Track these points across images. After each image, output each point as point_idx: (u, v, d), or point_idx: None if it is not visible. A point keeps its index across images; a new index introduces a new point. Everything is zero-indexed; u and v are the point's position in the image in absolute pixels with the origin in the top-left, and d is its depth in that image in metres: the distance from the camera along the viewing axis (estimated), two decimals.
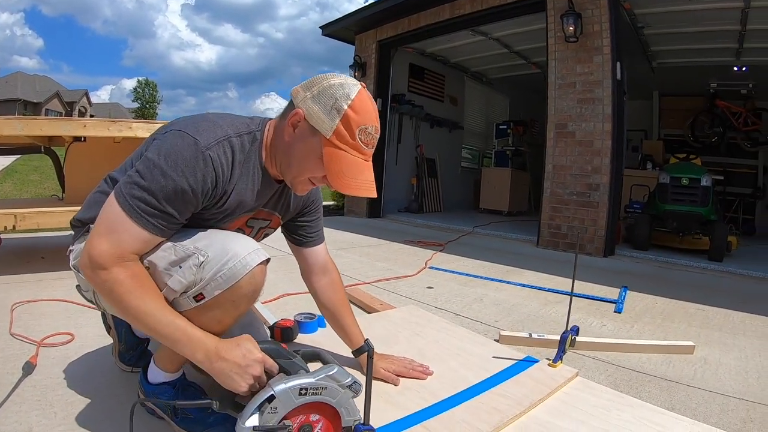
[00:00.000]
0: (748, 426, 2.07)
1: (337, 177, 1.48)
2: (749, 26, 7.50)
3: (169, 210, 1.38)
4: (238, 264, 1.43)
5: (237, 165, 1.52)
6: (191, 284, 1.41)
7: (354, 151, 1.48)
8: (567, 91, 6.57)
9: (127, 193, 1.35)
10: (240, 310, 1.50)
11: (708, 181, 6.62)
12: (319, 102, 1.47)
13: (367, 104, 1.49)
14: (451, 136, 12.14)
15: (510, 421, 1.70)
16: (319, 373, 1.33)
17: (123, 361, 2.03)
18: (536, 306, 3.74)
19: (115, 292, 1.32)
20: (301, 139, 1.51)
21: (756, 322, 3.71)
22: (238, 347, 1.38)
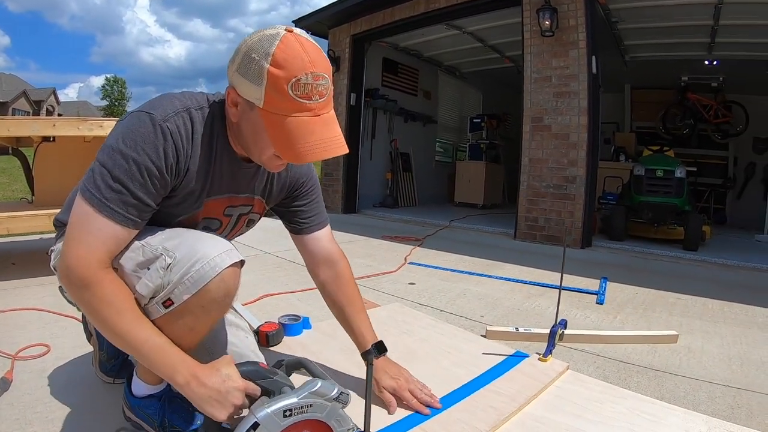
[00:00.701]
0: (736, 412, 2.10)
1: (286, 148, 1.31)
2: (722, 21, 7.62)
3: (138, 194, 1.27)
4: (207, 266, 1.31)
5: (198, 138, 1.40)
6: (158, 288, 1.31)
7: (294, 111, 1.29)
8: (543, 84, 6.61)
9: (92, 187, 1.26)
10: (212, 316, 1.39)
11: (682, 172, 6.76)
12: (242, 71, 1.30)
13: (295, 50, 1.27)
14: (425, 130, 12.15)
15: (507, 418, 1.69)
16: (302, 391, 1.25)
17: (104, 370, 1.93)
18: (519, 299, 3.76)
19: (94, 309, 1.24)
20: (244, 116, 1.37)
21: (734, 309, 3.80)
22: (217, 373, 1.27)
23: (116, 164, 1.25)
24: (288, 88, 1.25)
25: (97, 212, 1.24)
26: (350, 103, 9.57)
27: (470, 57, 11.36)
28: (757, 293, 4.38)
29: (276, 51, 1.25)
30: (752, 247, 7.53)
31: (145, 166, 1.27)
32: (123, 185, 1.25)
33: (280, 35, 1.28)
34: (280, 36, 1.28)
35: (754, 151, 11.64)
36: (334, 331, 2.26)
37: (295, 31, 1.32)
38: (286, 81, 1.25)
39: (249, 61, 1.28)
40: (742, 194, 11.83)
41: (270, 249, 4.82)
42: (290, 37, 1.28)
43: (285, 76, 1.24)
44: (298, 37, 1.30)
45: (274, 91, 1.26)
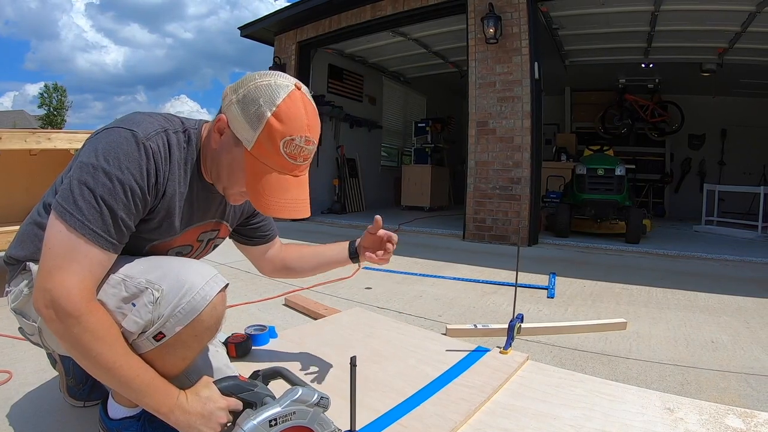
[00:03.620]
0: (686, 388, 2.30)
1: (259, 197, 1.35)
2: (658, 27, 8.07)
3: (121, 215, 1.24)
4: (197, 296, 1.30)
5: (175, 161, 1.39)
6: (149, 323, 1.28)
7: (278, 166, 1.34)
8: (487, 90, 6.81)
9: (71, 207, 1.20)
10: (203, 343, 1.40)
11: (622, 170, 7.12)
12: (242, 107, 1.32)
13: (298, 110, 1.32)
14: (371, 135, 12.24)
15: (477, 408, 1.79)
16: (284, 400, 1.28)
17: (72, 395, 1.82)
18: (474, 298, 3.88)
19: (80, 342, 1.18)
20: (226, 148, 1.38)
21: (677, 295, 4.06)
22: (197, 397, 1.29)
23: (99, 183, 1.21)
24: (281, 143, 1.30)
25: (80, 236, 1.19)
26: None
27: (415, 63, 11.54)
28: (698, 279, 4.71)
29: (282, 104, 1.29)
30: (691, 237, 8.04)
31: (129, 185, 1.24)
32: (107, 206, 1.22)
33: (290, 89, 1.32)
34: (289, 90, 1.32)
35: (690, 147, 12.35)
36: (300, 339, 2.31)
37: (302, 88, 1.36)
38: (281, 136, 1.30)
39: (252, 102, 1.30)
40: (679, 188, 12.49)
41: (222, 260, 4.83)
42: (297, 94, 1.33)
43: (281, 131, 1.29)
44: (303, 97, 1.35)
45: (267, 140, 1.30)
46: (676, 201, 12.56)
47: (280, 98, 1.29)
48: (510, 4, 6.60)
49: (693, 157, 12.59)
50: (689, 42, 8.72)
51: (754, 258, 5.83)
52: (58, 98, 58.93)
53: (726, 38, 8.36)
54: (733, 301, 3.93)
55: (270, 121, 1.29)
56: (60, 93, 59.53)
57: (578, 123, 13.06)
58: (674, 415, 1.83)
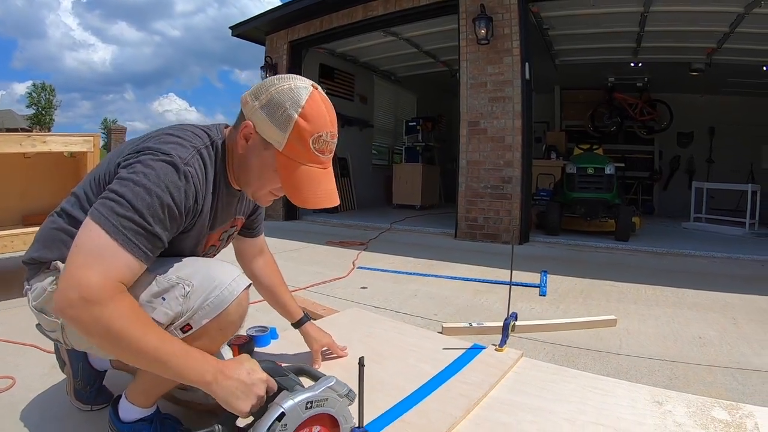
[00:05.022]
0: (674, 382, 2.41)
1: (296, 191, 1.44)
2: (647, 28, 8.19)
3: (156, 230, 1.29)
4: (225, 291, 1.41)
5: (210, 178, 1.48)
6: (178, 315, 1.37)
7: (310, 162, 1.43)
8: (479, 90, 6.90)
9: (109, 214, 1.25)
10: (227, 336, 1.50)
11: (611, 169, 7.25)
12: (268, 112, 1.40)
13: (320, 108, 1.42)
14: (362, 134, 12.27)
15: (476, 403, 1.87)
16: (319, 386, 1.35)
17: (80, 398, 1.86)
18: (468, 297, 3.96)
19: (113, 328, 1.19)
20: (255, 152, 1.46)
21: (665, 293, 4.17)
22: (241, 366, 1.33)
23: (138, 197, 1.27)
24: (310, 140, 1.40)
25: (112, 240, 1.23)
26: None
27: (405, 62, 11.59)
28: (686, 276, 4.83)
29: (306, 105, 1.38)
30: (679, 234, 8.21)
31: (167, 203, 1.30)
32: (143, 218, 1.26)
33: (309, 91, 1.41)
34: (309, 91, 1.41)
35: (679, 145, 12.52)
36: (301, 340, 2.38)
37: (318, 88, 1.46)
38: (310, 134, 1.39)
39: (278, 106, 1.39)
40: (668, 186, 12.65)
41: None
42: (316, 94, 1.42)
43: (310, 130, 1.39)
44: (322, 95, 1.45)
45: (297, 140, 1.39)
46: (665, 198, 12.71)
47: (303, 100, 1.38)
48: (501, 5, 6.69)
49: (682, 154, 12.74)
50: (678, 42, 8.85)
51: (741, 255, 5.95)
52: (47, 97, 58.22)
53: (714, 39, 8.49)
54: (721, 298, 4.04)
55: (298, 122, 1.38)
56: (48, 92, 58.80)
57: (568, 121, 13.17)
58: (663, 408, 1.91)
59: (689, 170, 12.57)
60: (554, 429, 1.76)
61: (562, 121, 13.37)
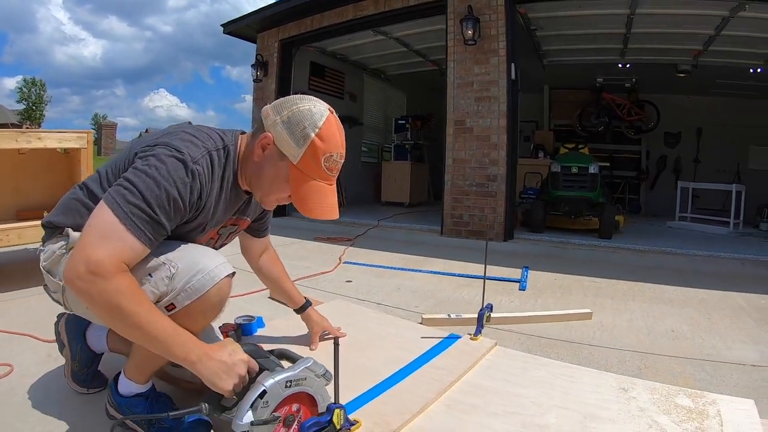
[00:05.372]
0: (643, 372, 2.52)
1: (303, 202, 1.61)
2: (633, 30, 8.28)
3: (161, 220, 1.43)
4: (206, 276, 1.53)
5: (216, 178, 1.61)
6: (163, 294, 1.50)
7: (319, 177, 1.60)
8: (465, 90, 6.98)
9: (121, 201, 1.39)
10: (208, 319, 1.61)
11: (595, 168, 7.37)
12: (287, 128, 1.56)
13: (334, 131, 1.60)
14: (351, 131, 12.12)
15: (448, 386, 1.98)
16: (298, 366, 1.48)
17: (77, 380, 1.98)
18: (449, 290, 4.07)
19: (113, 301, 1.33)
20: (270, 161, 1.61)
21: (642, 289, 4.30)
22: (224, 348, 1.47)
23: (148, 188, 1.41)
24: (322, 159, 1.58)
25: (121, 224, 1.37)
26: None
27: (395, 60, 11.64)
28: (665, 273, 4.95)
29: (323, 126, 1.57)
30: (664, 233, 8.34)
31: (173, 196, 1.44)
32: (150, 208, 1.40)
33: (326, 114, 1.60)
34: (326, 115, 1.60)
35: (666, 145, 12.66)
36: (286, 328, 2.48)
37: (333, 113, 1.64)
38: (323, 153, 1.58)
39: (297, 124, 1.56)
40: (655, 185, 12.79)
41: None
42: (332, 118, 1.62)
43: (323, 149, 1.57)
44: (336, 120, 1.64)
45: (311, 156, 1.57)
46: (651, 198, 12.86)
47: (321, 121, 1.57)
48: (488, 6, 6.77)
49: (669, 154, 12.87)
50: (664, 44, 8.97)
51: (722, 253, 6.05)
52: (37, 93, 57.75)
53: (700, 41, 8.59)
54: (697, 294, 4.16)
55: (314, 140, 1.56)
56: (39, 87, 58.32)
57: (556, 121, 13.25)
58: (628, 394, 2.02)
59: (676, 170, 12.72)
60: (521, 411, 1.87)
61: (550, 120, 13.46)
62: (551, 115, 13.46)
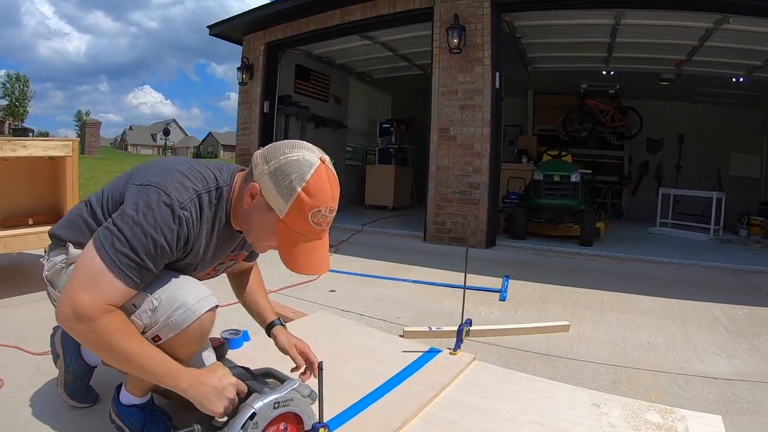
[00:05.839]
0: (617, 386, 2.60)
1: (290, 258, 1.56)
2: (618, 39, 8.46)
3: (149, 266, 1.45)
4: (188, 312, 1.55)
5: (204, 221, 1.60)
6: (147, 326, 1.53)
7: (307, 233, 1.53)
8: (450, 98, 7.08)
9: (109, 248, 1.42)
10: (191, 350, 1.65)
11: (577, 177, 7.51)
12: (274, 179, 1.50)
13: (324, 184, 1.50)
14: (336, 135, 12.30)
15: (427, 402, 2.05)
16: (285, 387, 1.54)
17: (69, 393, 2.00)
18: (430, 301, 4.14)
19: (102, 340, 1.40)
20: (258, 211, 1.57)
21: (620, 299, 4.39)
22: (213, 373, 1.52)
23: (135, 236, 1.42)
24: (309, 214, 1.50)
25: (109, 270, 1.40)
26: (264, 111, 9.66)
27: (381, 64, 11.69)
28: (643, 282, 5.05)
29: (310, 180, 1.48)
30: (644, 239, 8.55)
31: (160, 244, 1.45)
32: (137, 256, 1.43)
33: (316, 165, 1.50)
34: (315, 165, 1.50)
35: (648, 151, 12.97)
36: (271, 342, 2.53)
37: (326, 161, 1.55)
38: (310, 208, 1.49)
39: (284, 177, 1.49)
40: (637, 190, 13.06)
41: None
42: (322, 168, 1.51)
43: (310, 204, 1.49)
44: (327, 169, 1.53)
45: (297, 211, 1.50)
46: (633, 203, 13.10)
47: (309, 174, 1.48)
48: (474, 15, 6.87)
49: (651, 160, 13.15)
50: (648, 53, 9.13)
51: (700, 261, 6.22)
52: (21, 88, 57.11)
53: (684, 51, 8.77)
54: (674, 305, 4.26)
55: (300, 196, 1.48)
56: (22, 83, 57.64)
57: (540, 125, 13.46)
58: (599, 410, 2.10)
59: (658, 176, 12.98)
60: (497, 427, 1.94)
61: (534, 125, 13.65)
62: (535, 120, 13.67)
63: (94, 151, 22.82)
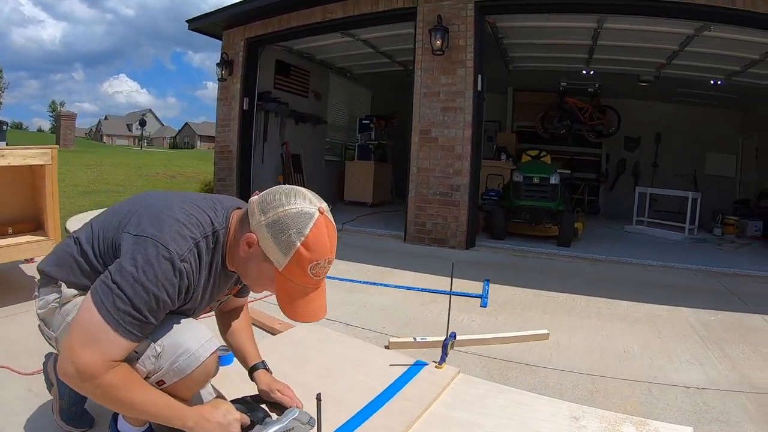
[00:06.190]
0: (595, 396, 2.73)
1: (289, 307, 1.59)
2: (600, 42, 8.60)
3: (150, 320, 1.46)
4: (192, 357, 1.58)
5: (203, 268, 1.62)
6: (151, 372, 1.55)
7: (304, 284, 1.56)
8: (432, 99, 7.13)
9: (110, 307, 1.41)
10: (194, 391, 1.70)
11: (556, 179, 7.67)
12: (272, 232, 1.51)
13: (322, 237, 1.51)
14: (315, 130, 12.30)
15: (416, 419, 2.12)
16: (286, 417, 1.64)
17: (65, 419, 1.98)
18: (415, 307, 4.22)
19: (107, 395, 1.43)
20: (254, 260, 1.58)
21: (598, 304, 4.52)
22: (217, 410, 1.60)
23: (137, 294, 1.42)
24: (308, 267, 1.52)
25: (113, 330, 1.41)
26: (243, 107, 9.58)
27: (362, 60, 11.69)
28: (620, 286, 5.17)
29: (309, 234, 1.49)
30: (621, 238, 8.82)
31: (162, 299, 1.46)
32: (140, 313, 1.43)
33: (315, 217, 1.51)
34: (315, 218, 1.51)
35: (626, 148, 13.26)
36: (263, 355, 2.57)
37: (325, 212, 1.56)
38: (309, 262, 1.51)
39: (282, 230, 1.50)
40: (614, 187, 13.35)
41: None
42: (321, 220, 1.52)
43: (309, 258, 1.50)
44: (326, 220, 1.55)
45: (296, 264, 1.51)
46: (610, 199, 13.37)
47: (308, 228, 1.50)
48: (458, 16, 6.91)
49: (628, 158, 13.42)
50: (629, 56, 9.30)
51: (676, 264, 6.41)
52: None
53: (664, 55, 8.95)
54: (649, 310, 4.40)
55: (300, 250, 1.49)
56: None
57: (519, 122, 13.61)
58: (578, 423, 2.20)
59: (635, 173, 13.26)
60: None
61: (513, 121, 13.80)
62: (514, 117, 13.82)
63: (70, 144, 22.37)
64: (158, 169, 18.14)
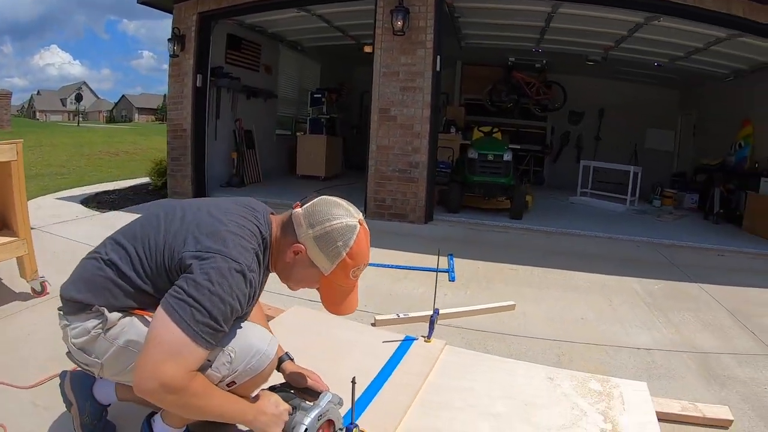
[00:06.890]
0: (562, 359, 3.14)
1: (333, 305, 1.88)
2: (552, 24, 8.89)
3: (224, 329, 1.60)
4: (263, 357, 1.78)
5: (261, 273, 1.80)
6: (225, 376, 1.70)
7: (345, 284, 1.83)
8: (391, 79, 7.27)
9: (190, 320, 1.51)
10: (259, 387, 1.87)
11: (509, 156, 8.09)
12: (320, 244, 1.74)
13: (363, 246, 1.79)
14: (266, 105, 12.13)
15: (418, 389, 2.43)
16: (323, 400, 1.84)
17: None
18: (388, 284, 4.48)
19: (189, 404, 1.56)
20: (301, 266, 1.80)
21: (554, 275, 4.93)
22: (268, 401, 1.78)
23: (215, 306, 1.54)
24: (350, 272, 1.79)
25: (193, 342, 1.51)
26: (196, 84, 9.22)
27: (313, 34, 11.58)
28: (571, 258, 5.62)
29: (354, 245, 1.75)
30: (567, 210, 9.38)
31: (235, 308, 1.61)
32: (217, 323, 1.55)
33: (357, 229, 1.77)
34: (357, 230, 1.77)
35: (570, 122, 13.78)
36: None
37: (363, 223, 1.81)
38: (351, 268, 1.78)
39: (330, 242, 1.74)
40: (557, 159, 13.92)
41: None
42: (362, 232, 1.79)
43: (352, 265, 1.78)
44: (365, 231, 1.82)
45: (341, 270, 1.78)
46: (554, 171, 13.92)
47: (352, 240, 1.75)
48: None
49: (572, 131, 13.94)
50: (579, 38, 9.65)
51: (620, 235, 6.91)
52: None
53: (613, 39, 9.34)
54: (600, 280, 4.82)
55: (345, 259, 1.75)
56: None
57: (467, 95, 13.86)
58: (554, 383, 2.59)
59: (578, 146, 13.82)
60: (476, 402, 2.38)
61: (461, 94, 14.04)
62: (462, 89, 14.06)
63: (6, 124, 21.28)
64: (100, 147, 17.73)
